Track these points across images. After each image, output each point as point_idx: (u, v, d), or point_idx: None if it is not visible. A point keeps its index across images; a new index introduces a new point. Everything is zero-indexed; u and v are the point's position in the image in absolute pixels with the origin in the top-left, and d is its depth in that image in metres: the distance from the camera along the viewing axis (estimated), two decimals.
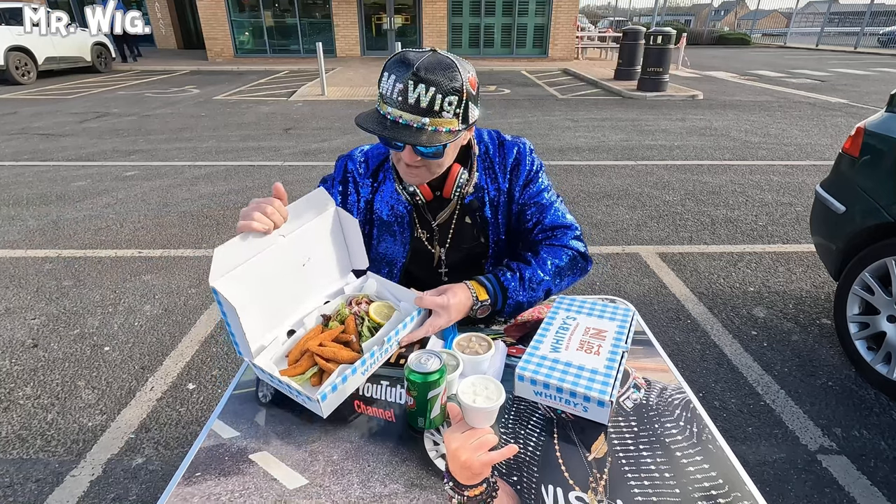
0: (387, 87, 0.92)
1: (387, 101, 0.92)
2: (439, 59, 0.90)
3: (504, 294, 1.05)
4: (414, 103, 0.89)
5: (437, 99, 0.89)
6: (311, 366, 0.88)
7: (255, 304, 0.87)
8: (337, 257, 1.06)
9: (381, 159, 1.18)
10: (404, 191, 1.12)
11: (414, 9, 15.55)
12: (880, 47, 20.54)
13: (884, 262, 1.98)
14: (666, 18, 29.42)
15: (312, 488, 0.69)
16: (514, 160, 1.17)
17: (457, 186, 1.10)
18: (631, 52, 10.08)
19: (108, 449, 1.74)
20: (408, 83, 0.88)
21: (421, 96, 0.88)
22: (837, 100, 8.70)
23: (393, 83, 0.90)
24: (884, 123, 2.12)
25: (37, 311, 2.57)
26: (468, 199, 1.16)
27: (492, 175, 1.17)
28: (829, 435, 1.80)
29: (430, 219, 1.17)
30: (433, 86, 0.88)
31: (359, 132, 6.40)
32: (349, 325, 0.94)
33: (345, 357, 0.88)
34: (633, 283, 2.84)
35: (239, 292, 0.81)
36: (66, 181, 4.56)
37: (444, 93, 0.89)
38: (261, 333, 0.90)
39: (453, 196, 1.12)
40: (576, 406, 0.81)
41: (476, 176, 1.14)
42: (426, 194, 1.11)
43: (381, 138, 0.97)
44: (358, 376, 0.86)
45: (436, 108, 0.90)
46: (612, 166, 4.99)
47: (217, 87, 10.27)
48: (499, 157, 1.17)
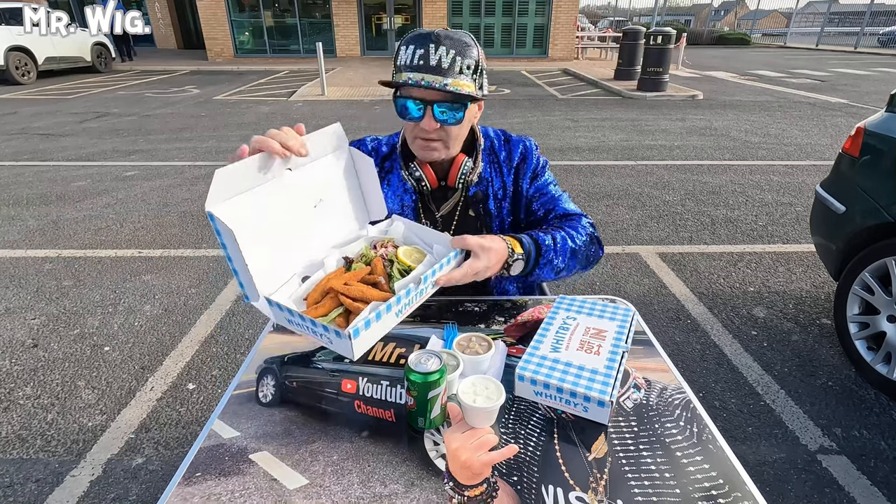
0: (406, 56, 0.95)
1: (406, 69, 0.95)
2: (453, 31, 0.97)
3: (538, 251, 1.01)
4: (436, 64, 0.93)
5: (458, 61, 0.94)
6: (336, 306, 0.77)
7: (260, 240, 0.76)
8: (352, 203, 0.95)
9: (389, 150, 1.19)
10: (410, 177, 1.12)
11: (414, 9, 15.55)
12: (880, 47, 20.54)
13: (884, 261, 1.98)
14: (666, 18, 29.42)
15: (312, 488, 0.69)
16: (520, 156, 1.18)
17: (461, 174, 1.11)
18: (631, 52, 10.08)
19: (108, 449, 1.74)
20: (429, 46, 0.93)
21: (442, 57, 0.93)
22: (837, 100, 8.70)
23: (413, 50, 0.95)
24: (884, 123, 2.12)
25: (37, 311, 2.57)
26: (472, 190, 1.16)
27: (496, 169, 1.18)
28: (829, 435, 1.80)
29: (434, 209, 1.18)
30: (453, 48, 0.94)
31: (358, 133, 6.40)
32: (377, 266, 0.84)
33: (374, 296, 0.77)
34: (633, 283, 2.84)
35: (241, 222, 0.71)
36: (66, 181, 4.56)
37: (464, 56, 0.95)
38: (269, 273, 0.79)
39: (458, 185, 1.12)
40: (576, 406, 0.81)
41: (481, 166, 1.15)
42: (432, 181, 1.11)
43: (399, 103, 0.99)
44: (392, 316, 0.77)
45: (456, 69, 0.94)
46: (612, 166, 4.99)
47: (217, 87, 10.27)
48: (504, 153, 1.19)
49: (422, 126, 1.00)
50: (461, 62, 0.94)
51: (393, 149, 1.19)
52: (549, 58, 15.96)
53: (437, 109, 0.97)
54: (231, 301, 2.65)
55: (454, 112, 0.98)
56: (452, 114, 0.98)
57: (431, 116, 0.97)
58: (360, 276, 0.82)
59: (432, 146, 1.04)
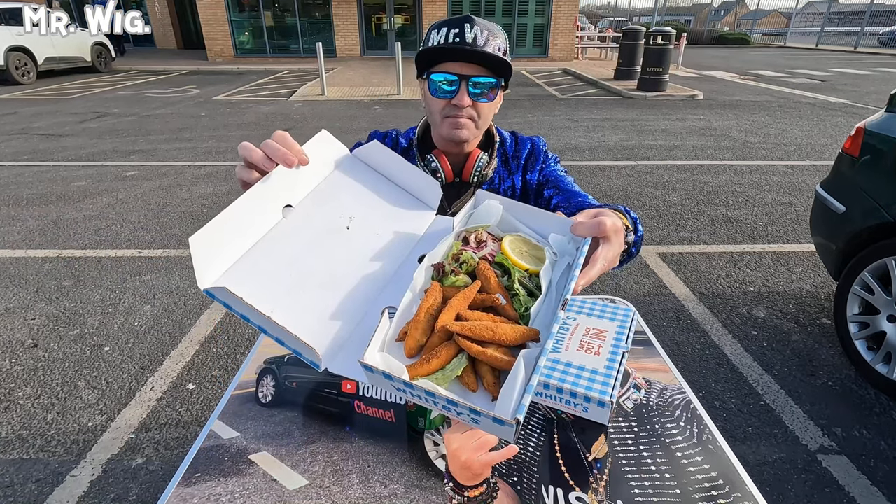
0: (439, 37, 0.96)
1: (440, 47, 0.96)
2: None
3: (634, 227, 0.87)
4: (472, 41, 0.94)
5: (491, 40, 0.96)
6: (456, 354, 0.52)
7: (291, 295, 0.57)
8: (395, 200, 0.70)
9: (407, 145, 1.20)
10: (426, 168, 1.12)
11: (414, 9, 15.54)
12: (880, 47, 20.53)
13: (884, 261, 1.98)
14: (666, 18, 29.43)
15: (312, 489, 0.69)
16: (528, 151, 1.20)
17: (476, 168, 1.11)
18: (631, 52, 10.07)
19: (109, 449, 1.74)
20: (464, 25, 0.95)
21: (478, 35, 0.95)
22: (837, 100, 8.70)
23: (446, 31, 0.96)
24: (884, 123, 2.12)
25: (37, 311, 2.57)
26: (485, 186, 1.17)
27: (507, 167, 1.19)
28: (829, 435, 1.80)
29: (447, 206, 1.18)
30: (486, 29, 0.96)
31: (358, 133, 6.40)
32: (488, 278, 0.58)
33: (509, 335, 0.51)
34: (633, 283, 2.83)
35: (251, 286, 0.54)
36: (66, 181, 4.56)
37: (496, 38, 0.97)
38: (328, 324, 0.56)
39: (472, 179, 1.13)
40: (576, 406, 0.81)
41: (496, 162, 1.16)
42: (447, 173, 1.12)
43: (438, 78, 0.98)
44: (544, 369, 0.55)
45: (490, 47, 0.95)
46: (612, 166, 4.99)
47: (217, 87, 10.26)
48: (513, 150, 1.20)
49: (454, 102, 1.00)
50: (494, 42, 0.96)
51: (410, 143, 1.19)
52: (549, 58, 15.96)
53: (472, 84, 0.98)
54: None
55: (488, 89, 0.99)
56: (486, 90, 0.99)
57: (466, 92, 0.98)
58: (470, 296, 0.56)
59: (462, 122, 1.03)
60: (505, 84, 1.03)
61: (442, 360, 0.51)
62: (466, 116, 1.02)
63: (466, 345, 0.51)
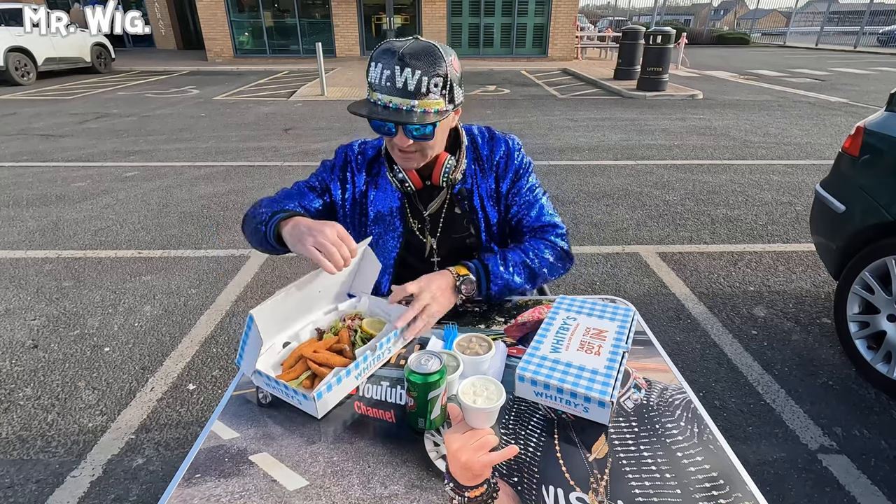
0: (375, 75, 0.96)
1: (376, 89, 0.96)
2: (422, 45, 0.95)
3: (486, 271, 1.08)
4: (402, 87, 0.94)
5: (424, 81, 0.94)
6: (305, 370, 0.90)
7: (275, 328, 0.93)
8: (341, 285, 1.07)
9: (376, 153, 1.21)
10: (394, 178, 1.14)
11: (413, 9, 15.54)
12: (880, 46, 20.52)
13: (884, 261, 1.98)
14: (665, 18, 29.37)
15: (312, 489, 0.69)
16: (503, 155, 1.20)
17: (444, 172, 1.13)
18: (630, 51, 10.08)
19: (109, 449, 1.74)
20: (395, 69, 0.93)
21: (408, 80, 0.93)
22: (837, 99, 8.70)
23: (381, 71, 0.95)
24: (884, 122, 2.12)
25: (37, 311, 2.57)
26: (457, 187, 1.19)
27: (480, 166, 1.20)
28: (830, 434, 1.80)
29: (422, 209, 1.20)
30: (418, 69, 0.93)
31: (358, 133, 6.40)
32: (342, 336, 0.97)
33: (337, 362, 0.89)
34: (633, 283, 2.83)
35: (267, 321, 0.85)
36: (66, 182, 4.56)
37: (430, 75, 0.94)
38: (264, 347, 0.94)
39: (442, 183, 1.14)
40: (576, 406, 0.81)
41: (464, 163, 1.17)
42: (415, 182, 1.14)
43: (374, 123, 1.00)
44: (352, 378, 0.87)
45: (423, 90, 0.94)
46: (612, 166, 4.99)
47: (217, 88, 10.27)
48: (487, 151, 1.21)
49: (395, 142, 1.02)
50: (427, 82, 0.94)
51: (379, 152, 1.21)
52: (549, 57, 15.96)
53: (409, 127, 0.99)
54: (231, 301, 2.65)
55: (425, 128, 0.99)
56: (424, 130, 1.00)
57: (404, 134, 1.00)
58: (328, 344, 0.94)
59: (410, 157, 1.07)
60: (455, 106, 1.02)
61: (297, 372, 0.89)
62: (412, 150, 1.04)
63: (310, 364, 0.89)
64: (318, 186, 1.22)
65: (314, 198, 1.21)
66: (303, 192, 1.21)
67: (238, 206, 3.98)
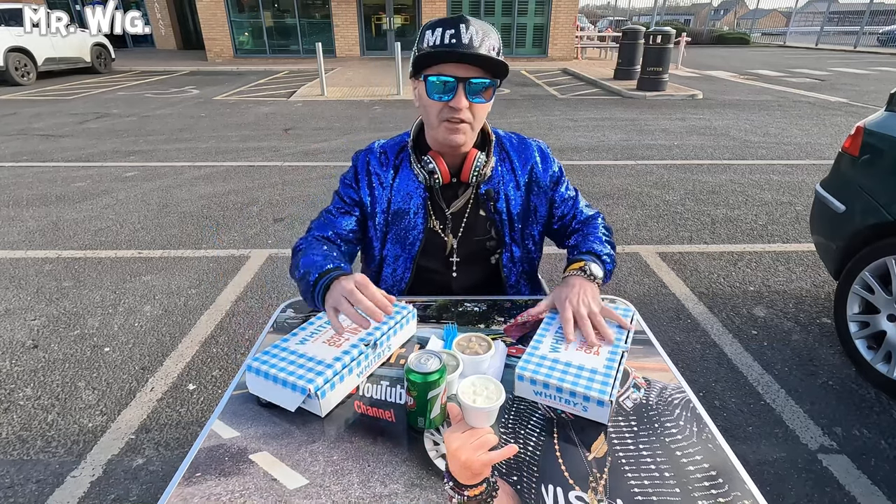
0: (434, 38, 0.96)
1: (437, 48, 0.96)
2: None
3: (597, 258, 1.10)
4: (468, 42, 0.94)
5: (486, 41, 0.96)
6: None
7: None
8: None
9: (398, 148, 1.18)
10: (423, 170, 1.11)
11: (413, 9, 15.55)
12: (880, 46, 20.52)
13: (884, 261, 1.98)
14: (665, 18, 29.37)
15: (312, 488, 0.69)
16: (537, 159, 1.20)
17: (474, 168, 1.10)
18: (630, 51, 10.07)
19: (109, 449, 1.74)
20: (459, 26, 0.95)
21: (473, 36, 0.95)
22: (837, 99, 8.70)
23: (441, 31, 0.95)
24: (884, 122, 2.12)
25: (37, 311, 2.57)
26: (484, 187, 1.16)
27: (509, 167, 1.18)
28: (830, 434, 1.80)
29: (444, 207, 1.17)
30: (480, 30, 0.96)
31: (357, 133, 6.41)
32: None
33: None
34: (633, 283, 2.84)
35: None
36: (66, 182, 4.56)
37: (490, 38, 0.97)
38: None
39: (471, 179, 1.12)
40: (576, 406, 0.81)
41: (493, 161, 1.15)
42: (444, 174, 1.10)
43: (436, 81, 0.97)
44: (353, 377, 0.87)
45: (485, 47, 0.96)
46: (612, 166, 4.99)
47: (217, 88, 10.27)
48: (517, 153, 1.19)
49: (452, 105, 0.99)
50: (489, 42, 0.96)
51: (403, 146, 1.17)
52: (549, 57, 15.96)
53: (469, 86, 0.97)
54: (231, 301, 2.65)
55: (484, 90, 0.99)
56: (483, 91, 0.99)
57: (463, 94, 0.98)
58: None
59: (460, 128, 1.02)
60: (498, 86, 1.03)
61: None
62: (464, 119, 1.01)
63: None
64: (344, 205, 1.18)
65: (345, 220, 1.17)
66: (333, 221, 1.17)
67: (238, 206, 3.98)
